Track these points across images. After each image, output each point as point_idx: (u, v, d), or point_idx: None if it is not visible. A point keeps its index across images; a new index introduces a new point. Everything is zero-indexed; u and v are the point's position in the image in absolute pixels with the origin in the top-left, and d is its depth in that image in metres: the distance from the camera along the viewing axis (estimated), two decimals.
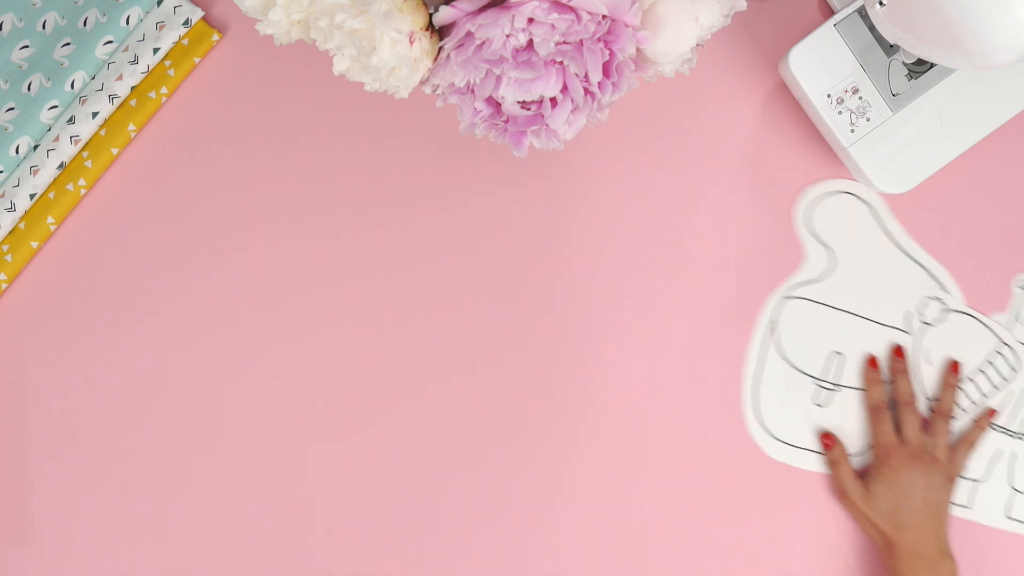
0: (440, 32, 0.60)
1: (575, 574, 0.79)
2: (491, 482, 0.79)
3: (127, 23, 0.76)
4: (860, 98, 0.73)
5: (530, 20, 0.56)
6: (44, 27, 0.77)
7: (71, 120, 0.76)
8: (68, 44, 0.77)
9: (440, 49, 0.59)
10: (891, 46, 0.73)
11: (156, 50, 0.76)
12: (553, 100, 0.60)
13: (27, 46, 0.77)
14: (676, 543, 0.79)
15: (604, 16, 0.57)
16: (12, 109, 0.76)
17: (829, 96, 0.73)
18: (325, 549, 0.79)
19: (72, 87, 0.76)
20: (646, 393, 0.79)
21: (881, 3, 0.63)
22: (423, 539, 0.79)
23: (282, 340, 0.79)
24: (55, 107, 0.76)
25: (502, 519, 0.79)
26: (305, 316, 0.79)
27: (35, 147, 0.77)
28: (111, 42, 0.76)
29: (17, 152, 0.76)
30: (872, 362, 0.76)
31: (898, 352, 0.77)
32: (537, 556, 0.79)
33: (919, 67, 0.73)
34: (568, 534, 0.79)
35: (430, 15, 0.59)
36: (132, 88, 0.77)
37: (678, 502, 0.79)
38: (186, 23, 0.77)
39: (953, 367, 0.77)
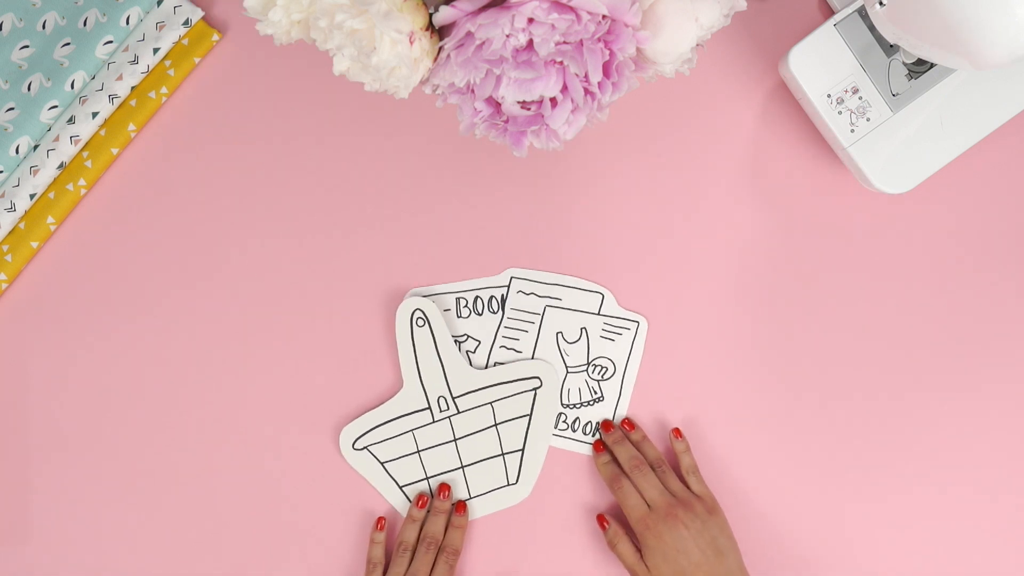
0: (440, 32, 0.60)
1: None
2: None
3: (127, 23, 0.76)
4: (860, 98, 0.73)
5: (530, 20, 0.56)
6: (44, 27, 0.77)
7: (71, 120, 0.76)
8: (68, 44, 0.77)
9: (440, 49, 0.59)
10: (891, 46, 0.73)
11: (156, 50, 0.76)
12: (553, 100, 0.60)
13: (27, 46, 0.77)
14: None
15: (604, 16, 0.57)
16: (12, 109, 0.76)
17: (829, 96, 0.73)
18: (321, 546, 0.79)
19: (72, 87, 0.76)
20: (643, 390, 0.79)
21: (881, 3, 0.63)
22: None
23: (283, 339, 0.79)
24: (55, 107, 0.76)
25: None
26: (305, 315, 0.79)
27: (35, 147, 0.77)
28: (111, 42, 0.76)
29: (17, 152, 0.76)
30: (599, 442, 0.77)
31: (607, 426, 0.77)
32: None
33: (919, 67, 0.73)
34: (564, 531, 0.79)
35: (430, 15, 0.59)
36: (132, 88, 0.77)
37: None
38: (186, 23, 0.77)
39: (627, 424, 0.77)
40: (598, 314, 0.77)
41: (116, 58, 0.77)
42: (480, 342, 0.77)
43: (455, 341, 0.77)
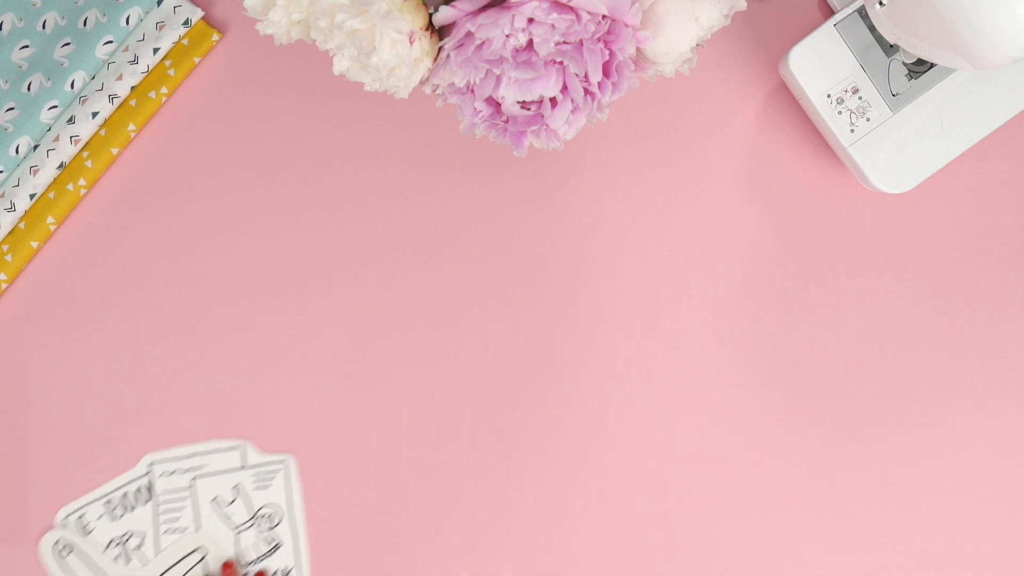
0: (440, 32, 0.60)
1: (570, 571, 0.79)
2: (489, 481, 0.79)
3: (127, 23, 0.76)
4: (860, 98, 0.73)
5: (530, 20, 0.56)
6: (44, 27, 0.77)
7: (71, 120, 0.76)
8: (68, 44, 0.77)
9: (440, 49, 0.59)
10: (891, 46, 0.73)
11: (156, 50, 0.76)
12: (553, 100, 0.60)
13: (27, 46, 0.77)
14: (673, 540, 0.79)
15: (604, 16, 0.57)
16: (12, 109, 0.77)
17: (829, 96, 0.73)
18: (322, 548, 0.79)
19: (72, 87, 0.76)
20: (642, 392, 0.79)
21: (881, 3, 0.63)
22: (423, 537, 0.79)
23: (282, 340, 0.79)
24: (55, 107, 0.76)
25: (501, 518, 0.79)
26: (305, 315, 0.79)
27: (35, 147, 0.77)
28: (111, 42, 0.76)
29: (17, 152, 0.76)
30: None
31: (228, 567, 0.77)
32: (534, 554, 0.79)
33: (919, 67, 0.73)
34: (563, 532, 0.79)
35: (430, 15, 0.59)
36: (132, 88, 0.77)
37: (673, 501, 0.79)
38: (186, 23, 0.77)
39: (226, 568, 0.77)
40: (243, 468, 0.78)
41: (116, 58, 0.77)
42: (145, 534, 0.77)
43: (117, 543, 0.77)
